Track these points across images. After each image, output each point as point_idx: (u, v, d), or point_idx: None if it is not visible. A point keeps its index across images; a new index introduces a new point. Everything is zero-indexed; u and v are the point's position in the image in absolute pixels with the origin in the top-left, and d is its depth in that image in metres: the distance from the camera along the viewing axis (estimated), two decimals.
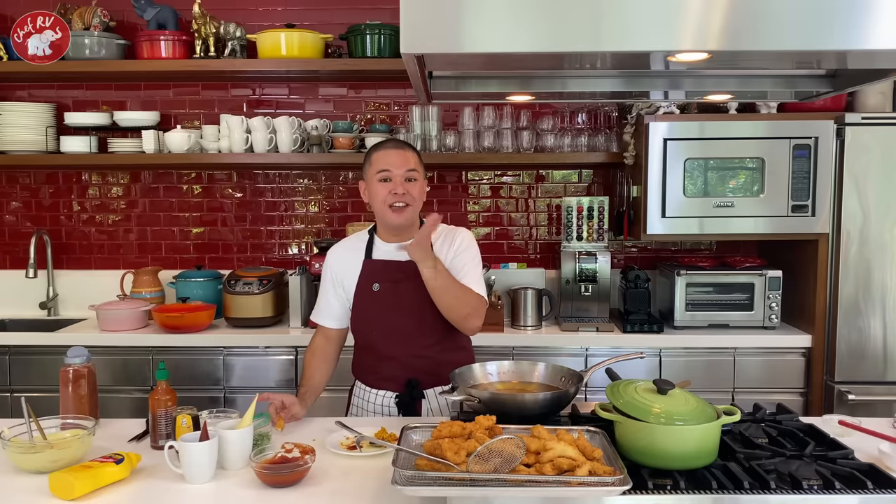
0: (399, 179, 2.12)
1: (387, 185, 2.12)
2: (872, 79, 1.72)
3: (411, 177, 2.13)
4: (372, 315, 2.20)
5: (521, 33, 1.34)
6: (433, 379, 2.18)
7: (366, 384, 2.26)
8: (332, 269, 2.27)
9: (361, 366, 2.28)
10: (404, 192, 2.12)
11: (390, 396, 2.19)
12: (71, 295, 3.65)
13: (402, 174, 2.12)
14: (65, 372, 1.96)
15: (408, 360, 2.18)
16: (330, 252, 2.32)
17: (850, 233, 3.01)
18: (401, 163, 2.13)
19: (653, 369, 3.06)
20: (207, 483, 1.63)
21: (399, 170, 2.12)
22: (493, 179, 3.68)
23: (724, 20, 1.33)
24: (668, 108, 3.14)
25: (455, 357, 2.23)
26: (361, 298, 2.22)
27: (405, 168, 2.12)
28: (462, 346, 2.29)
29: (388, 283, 2.18)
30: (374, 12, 3.40)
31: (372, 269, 2.22)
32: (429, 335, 2.19)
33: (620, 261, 3.65)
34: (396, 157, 2.13)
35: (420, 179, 2.17)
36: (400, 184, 2.12)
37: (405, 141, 2.32)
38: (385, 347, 2.19)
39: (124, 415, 2.92)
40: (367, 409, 2.23)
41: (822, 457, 1.60)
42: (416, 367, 2.18)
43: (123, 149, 3.43)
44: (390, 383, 2.19)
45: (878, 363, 3.03)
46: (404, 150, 2.16)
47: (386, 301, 2.18)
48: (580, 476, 1.39)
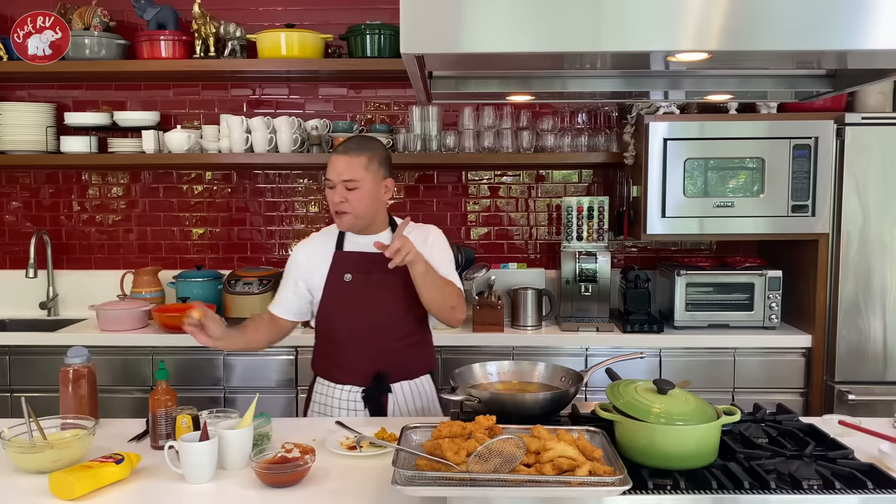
0: (339, 188, 2.12)
1: (330, 192, 2.14)
2: (872, 79, 1.72)
3: (350, 186, 2.11)
4: (342, 305, 2.20)
5: (521, 33, 1.34)
6: (400, 373, 2.20)
7: (330, 380, 2.23)
8: (298, 264, 2.27)
9: (325, 361, 2.26)
10: (341, 201, 2.12)
11: (356, 391, 2.18)
12: (71, 295, 3.65)
13: (342, 183, 2.11)
14: (65, 372, 1.96)
15: (376, 353, 2.18)
16: (298, 247, 2.33)
17: (850, 233, 3.01)
18: (341, 170, 2.11)
19: (653, 369, 3.06)
20: (207, 483, 1.63)
21: (338, 178, 2.11)
22: (492, 179, 3.68)
23: (724, 20, 1.33)
24: (668, 108, 3.14)
25: (421, 351, 2.27)
26: (332, 289, 2.20)
27: (342, 178, 2.10)
28: (427, 341, 2.32)
29: (361, 273, 2.18)
30: (374, 12, 3.40)
31: (344, 259, 2.22)
32: (398, 328, 2.20)
33: (620, 261, 3.65)
34: (340, 164, 2.12)
35: (364, 187, 2.12)
36: (339, 192, 2.12)
37: (363, 139, 2.25)
38: (353, 339, 2.18)
39: (124, 415, 2.92)
40: (330, 405, 2.21)
41: (822, 457, 1.60)
42: (384, 360, 2.18)
43: (123, 149, 3.43)
44: (357, 377, 2.18)
45: (878, 363, 3.02)
46: (350, 156, 2.12)
47: (357, 292, 2.18)
48: (580, 476, 1.39)
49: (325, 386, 2.24)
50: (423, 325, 2.28)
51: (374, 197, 2.16)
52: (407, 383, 2.23)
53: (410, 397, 2.24)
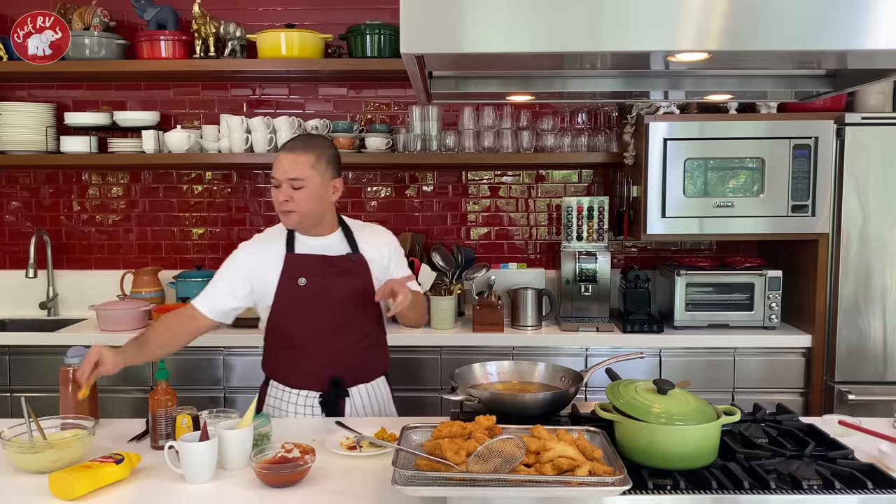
0: (285, 186, 2.08)
1: (275, 191, 2.11)
2: (872, 79, 1.72)
3: (296, 185, 2.07)
4: (297, 310, 2.15)
5: (521, 33, 1.34)
6: (357, 376, 2.19)
7: (285, 384, 2.19)
8: (243, 265, 2.18)
9: (280, 366, 2.21)
10: (286, 199, 2.08)
11: (313, 396, 2.16)
12: (71, 295, 3.65)
13: (287, 181, 2.07)
14: (65, 372, 1.96)
15: (333, 357, 2.15)
16: (243, 248, 2.22)
17: (850, 233, 3.01)
18: (287, 168, 2.07)
19: (653, 369, 3.06)
20: (207, 483, 1.63)
21: (284, 176, 2.07)
22: (493, 179, 3.68)
23: (724, 20, 1.33)
24: (668, 108, 3.14)
25: (376, 353, 2.26)
26: (285, 294, 2.14)
27: (287, 176, 2.07)
28: (382, 343, 2.30)
29: (316, 277, 2.14)
30: (374, 12, 3.40)
31: (296, 262, 2.15)
32: (355, 331, 2.18)
33: (620, 261, 3.65)
34: (286, 162, 2.08)
35: (310, 185, 2.08)
36: (284, 191, 2.08)
37: (310, 138, 2.19)
38: (309, 344, 2.15)
39: (124, 415, 2.92)
40: (285, 409, 2.18)
41: (822, 457, 1.60)
42: (341, 364, 2.16)
43: (123, 149, 3.42)
44: (313, 382, 2.15)
45: (878, 363, 3.02)
46: (296, 154, 2.08)
47: (313, 296, 2.13)
48: (580, 476, 1.39)
49: (280, 390, 2.20)
50: (379, 326, 2.27)
51: (320, 197, 2.11)
52: (364, 386, 2.22)
53: (368, 400, 2.22)
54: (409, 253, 3.43)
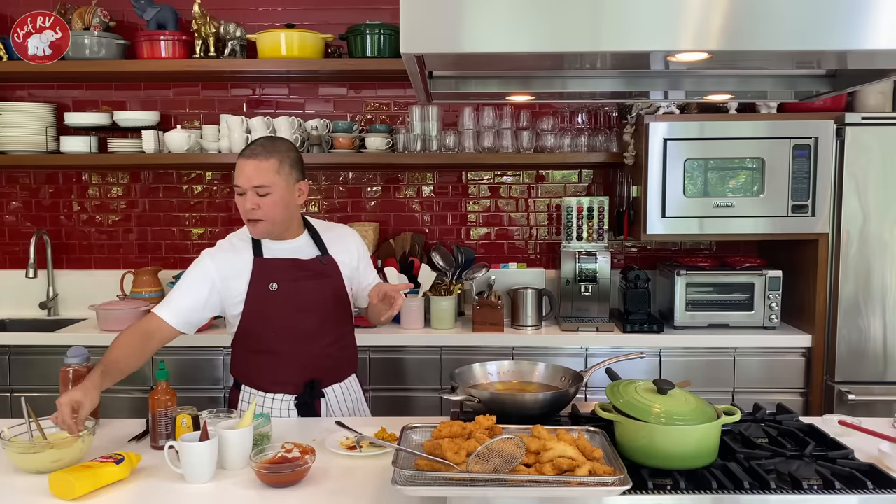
0: (250, 194, 2.03)
1: (241, 199, 2.07)
2: (872, 79, 1.72)
3: (262, 192, 2.03)
4: (270, 315, 2.11)
5: (521, 33, 1.34)
6: (332, 376, 2.19)
7: (258, 389, 2.15)
8: (209, 275, 2.09)
9: (253, 371, 2.17)
10: (253, 208, 2.04)
11: (288, 399, 2.14)
12: (71, 295, 3.65)
13: (252, 189, 2.03)
14: (65, 372, 1.96)
15: (308, 359, 2.14)
16: (207, 255, 2.14)
17: (850, 233, 3.01)
18: (251, 176, 2.02)
19: (653, 369, 3.06)
20: (207, 483, 1.63)
21: (248, 184, 2.03)
22: (492, 179, 3.68)
23: (724, 20, 1.33)
24: (668, 108, 3.14)
25: (349, 353, 2.26)
26: (256, 299, 2.10)
27: (253, 184, 2.02)
28: (352, 342, 2.31)
29: (287, 281, 2.11)
30: (374, 12, 3.40)
31: (266, 267, 2.11)
32: (328, 333, 2.17)
33: (620, 261, 3.65)
34: (249, 169, 2.03)
35: (276, 191, 2.04)
36: (250, 199, 2.03)
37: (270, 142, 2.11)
38: (284, 348, 2.12)
39: (124, 415, 2.91)
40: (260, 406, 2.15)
41: (822, 457, 1.60)
42: (317, 366, 2.15)
43: (123, 149, 3.43)
44: (288, 386, 2.13)
45: (878, 363, 3.02)
46: (259, 160, 2.03)
47: (286, 300, 2.11)
48: (580, 476, 1.39)
49: (253, 394, 2.17)
50: (350, 325, 2.26)
51: (287, 202, 2.08)
52: (338, 386, 2.22)
53: (343, 399, 2.22)
54: (409, 253, 3.43)
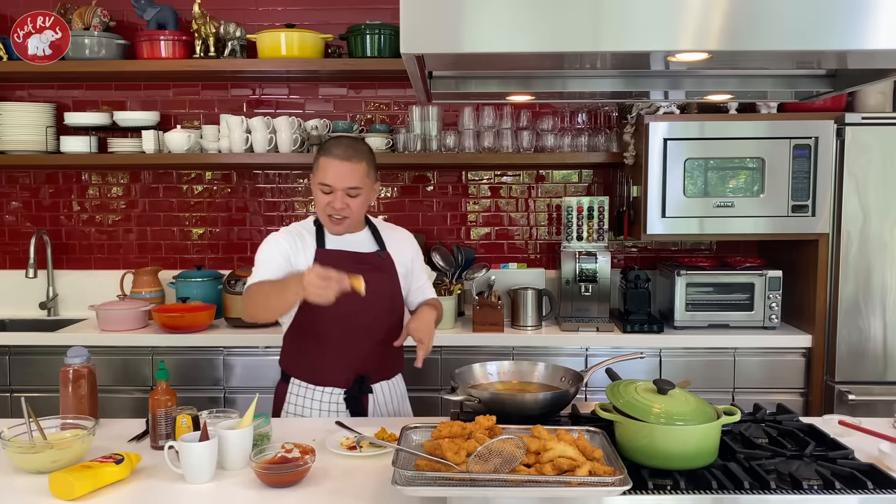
0: (339, 194, 2.06)
1: (326, 197, 2.08)
2: (872, 79, 1.72)
3: (353, 194, 2.07)
4: (327, 306, 2.09)
5: (521, 33, 1.34)
6: (381, 373, 2.20)
7: (309, 381, 2.19)
8: (283, 247, 2.13)
9: (303, 362, 2.20)
10: (343, 207, 2.07)
11: (338, 393, 2.16)
12: (71, 295, 3.65)
13: (345, 190, 2.06)
14: (65, 372, 1.96)
15: (359, 354, 2.16)
16: (277, 236, 2.18)
17: (850, 233, 3.01)
18: (345, 178, 2.05)
19: (653, 369, 3.06)
20: (207, 483, 1.63)
21: (341, 185, 2.05)
22: (493, 179, 3.68)
23: (724, 20, 1.33)
24: (668, 108, 3.14)
25: (398, 351, 2.26)
26: None
27: (347, 185, 2.05)
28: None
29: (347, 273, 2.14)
30: (374, 12, 3.40)
31: (328, 258, 2.12)
32: (381, 329, 2.19)
33: (620, 261, 3.65)
34: (343, 170, 2.05)
35: (364, 192, 2.09)
36: (340, 199, 2.06)
37: (356, 143, 2.14)
38: (337, 341, 2.15)
39: (124, 415, 2.92)
40: (308, 407, 2.17)
41: (823, 457, 1.60)
42: (366, 361, 2.17)
43: (123, 149, 3.43)
44: (338, 378, 2.15)
45: (878, 363, 3.02)
46: (351, 163, 2.05)
47: (344, 293, 2.13)
48: (580, 476, 1.39)
49: (303, 388, 2.20)
50: (401, 323, 2.27)
51: (368, 202, 2.16)
52: (386, 383, 2.24)
53: (389, 397, 2.24)
54: None
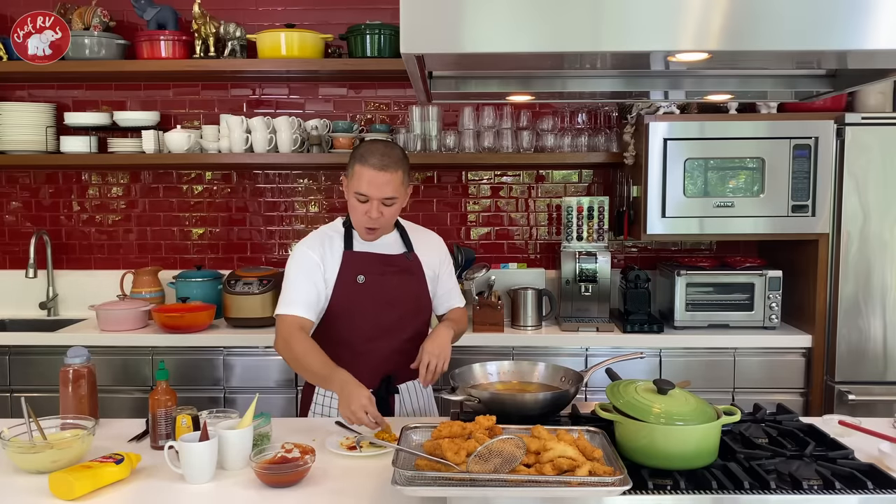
0: (376, 203, 2.06)
1: (363, 206, 2.08)
2: (872, 79, 1.72)
3: (389, 203, 2.07)
4: (355, 308, 2.15)
5: (522, 33, 1.34)
6: (407, 373, 2.19)
7: None
8: (313, 259, 2.14)
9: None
10: (378, 216, 2.07)
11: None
12: (71, 295, 3.65)
13: (382, 199, 2.06)
14: (65, 372, 1.96)
15: (386, 354, 2.17)
16: (305, 244, 2.18)
17: (850, 233, 3.01)
18: (381, 188, 2.04)
19: (653, 369, 3.06)
20: (207, 483, 1.63)
21: (379, 195, 2.05)
22: (493, 179, 3.68)
23: (724, 20, 1.33)
24: (668, 108, 3.14)
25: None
26: (343, 291, 2.14)
27: (383, 195, 2.05)
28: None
29: (375, 275, 2.16)
30: (374, 12, 3.40)
31: (355, 260, 2.16)
32: (408, 329, 2.20)
33: (620, 261, 3.65)
34: (381, 180, 2.03)
35: (399, 201, 2.10)
36: (376, 208, 2.06)
37: (391, 150, 2.10)
38: (365, 342, 2.16)
39: (124, 415, 2.92)
40: (335, 407, 2.15)
41: (823, 457, 1.60)
42: (393, 361, 2.17)
43: (123, 149, 3.42)
44: (365, 379, 2.10)
45: (878, 363, 3.02)
46: (390, 173, 2.04)
47: (371, 294, 2.15)
48: (580, 476, 1.39)
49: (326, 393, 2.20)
50: (428, 325, 2.28)
51: (401, 207, 2.15)
52: (412, 383, 2.24)
53: (416, 397, 2.25)
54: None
